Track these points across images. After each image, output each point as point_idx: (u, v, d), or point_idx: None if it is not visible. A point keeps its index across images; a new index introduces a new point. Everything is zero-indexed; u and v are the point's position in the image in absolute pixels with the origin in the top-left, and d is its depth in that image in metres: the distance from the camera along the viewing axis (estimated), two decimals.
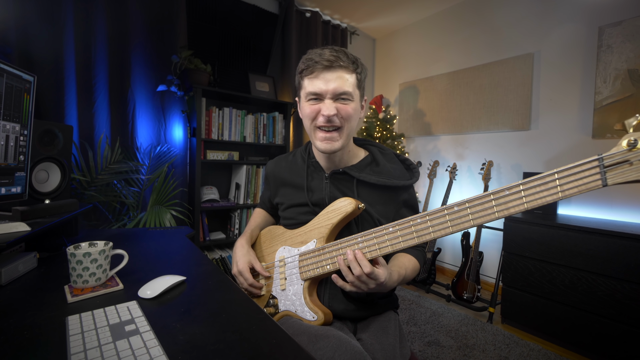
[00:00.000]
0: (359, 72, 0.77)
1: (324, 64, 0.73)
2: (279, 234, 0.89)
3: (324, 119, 0.75)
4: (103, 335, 0.48)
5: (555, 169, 0.51)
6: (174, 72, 2.07)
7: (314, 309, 0.74)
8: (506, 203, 0.54)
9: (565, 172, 0.50)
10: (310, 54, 0.76)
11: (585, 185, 0.48)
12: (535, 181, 0.52)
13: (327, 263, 0.74)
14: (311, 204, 0.83)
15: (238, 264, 0.85)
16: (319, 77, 0.75)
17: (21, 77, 0.81)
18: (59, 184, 1.01)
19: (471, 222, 0.58)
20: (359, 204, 0.74)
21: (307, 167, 0.88)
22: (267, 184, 1.00)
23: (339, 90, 0.74)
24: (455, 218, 0.59)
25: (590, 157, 0.48)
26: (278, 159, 0.98)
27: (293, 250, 0.82)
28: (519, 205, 0.53)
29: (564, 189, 0.50)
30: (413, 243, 0.65)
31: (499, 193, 0.55)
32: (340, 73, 0.74)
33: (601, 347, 1.56)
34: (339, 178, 0.84)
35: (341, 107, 0.75)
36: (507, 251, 1.94)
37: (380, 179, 0.81)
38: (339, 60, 0.74)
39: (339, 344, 0.62)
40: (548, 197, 0.51)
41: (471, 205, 0.57)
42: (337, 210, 0.75)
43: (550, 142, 2.21)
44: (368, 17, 3.10)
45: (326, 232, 0.76)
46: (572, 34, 2.10)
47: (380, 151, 0.88)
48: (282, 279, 0.82)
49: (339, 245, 0.73)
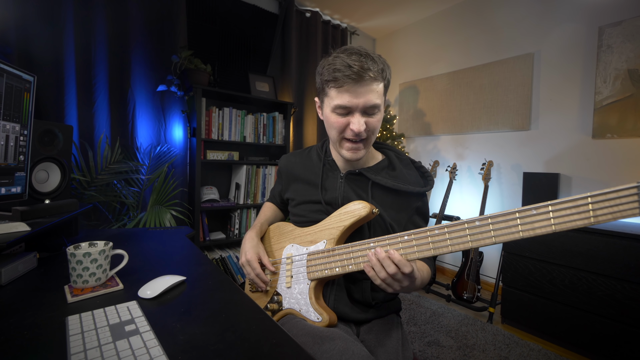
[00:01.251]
0: (388, 79, 0.74)
1: (353, 78, 0.69)
2: (287, 230, 0.88)
3: (352, 133, 0.74)
4: (103, 335, 0.48)
5: (589, 193, 0.48)
6: (174, 72, 2.07)
7: (319, 310, 0.73)
8: (532, 223, 0.51)
9: (600, 197, 0.47)
10: (336, 63, 0.71)
11: (621, 212, 0.45)
12: (565, 203, 0.49)
13: (337, 266, 0.72)
14: (324, 202, 0.83)
15: (247, 254, 0.84)
16: (349, 91, 0.71)
17: (21, 77, 0.81)
18: (59, 184, 1.01)
19: (493, 240, 0.54)
20: (374, 209, 0.72)
21: (323, 165, 0.87)
22: (279, 178, 0.99)
23: (369, 104, 0.71)
24: (476, 233, 0.56)
25: (629, 184, 0.46)
26: (292, 154, 0.97)
27: (301, 249, 0.81)
28: (547, 226, 0.50)
29: (597, 214, 0.47)
30: (429, 254, 0.61)
31: (525, 212, 0.52)
32: (370, 86, 0.71)
33: (601, 347, 1.56)
34: (354, 179, 0.83)
35: (370, 120, 0.74)
36: (507, 251, 1.94)
37: (396, 183, 0.80)
38: (368, 71, 0.69)
39: (345, 348, 0.61)
40: (579, 221, 0.48)
41: (494, 221, 0.54)
42: (350, 212, 0.74)
43: (550, 142, 2.21)
44: (368, 17, 3.10)
45: (337, 233, 0.75)
46: (572, 34, 2.10)
47: (397, 156, 0.88)
48: (288, 277, 0.81)
49: (351, 249, 0.70)
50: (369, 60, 0.70)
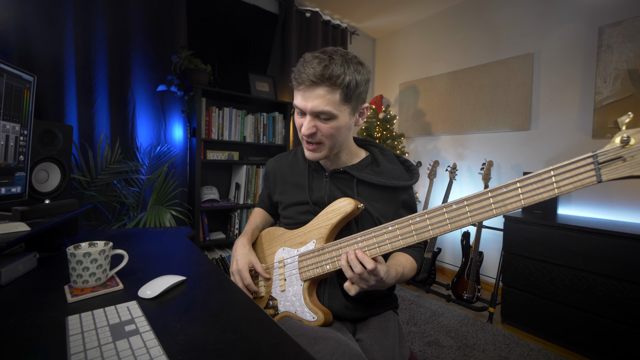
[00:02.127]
0: (347, 85, 0.71)
1: (305, 82, 0.71)
2: (278, 235, 0.89)
3: (303, 135, 0.76)
4: (103, 335, 0.48)
5: (551, 166, 0.52)
6: (174, 72, 2.07)
7: (313, 309, 0.74)
8: (504, 200, 0.55)
9: (561, 169, 0.51)
10: (300, 65, 0.73)
11: (580, 181, 0.49)
12: (531, 178, 0.53)
13: (327, 263, 0.74)
14: (312, 202, 0.84)
15: (238, 262, 0.85)
16: (301, 94, 0.73)
17: (21, 77, 0.81)
18: (59, 184, 1.01)
19: (469, 220, 0.58)
20: (358, 204, 0.74)
21: (308, 166, 0.88)
22: (266, 182, 1.00)
23: (316, 109, 0.72)
24: (454, 216, 0.60)
25: (585, 155, 0.49)
26: (279, 157, 0.98)
27: (292, 251, 0.82)
28: (516, 202, 0.54)
29: (560, 185, 0.51)
30: (412, 241, 0.65)
31: (497, 190, 0.56)
32: (321, 92, 0.70)
33: (601, 347, 1.56)
34: (339, 177, 0.84)
35: (322, 125, 0.74)
36: (507, 251, 1.94)
37: (380, 179, 0.81)
38: (322, 79, 0.69)
39: (337, 347, 0.62)
40: (544, 193, 0.52)
41: (469, 202, 0.58)
42: (336, 210, 0.76)
43: (550, 142, 2.21)
44: (368, 17, 3.10)
45: (326, 232, 0.76)
46: (572, 34, 2.10)
47: (380, 152, 0.89)
48: (281, 280, 0.82)
49: (339, 245, 0.72)
50: (331, 65, 0.69)
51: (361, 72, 0.74)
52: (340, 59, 0.71)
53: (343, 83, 0.70)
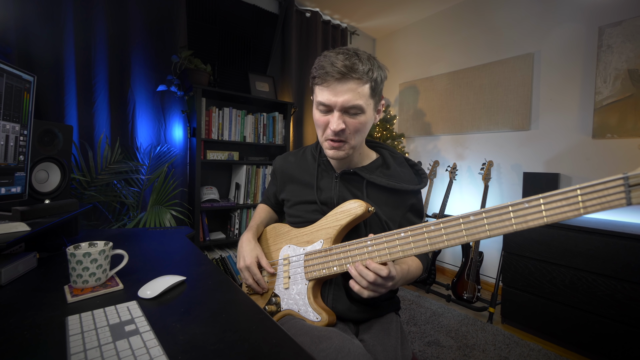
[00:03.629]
0: (375, 79, 0.72)
1: (335, 76, 0.69)
2: (284, 232, 0.88)
3: (331, 132, 0.74)
4: (103, 335, 0.48)
5: (578, 185, 0.49)
6: (174, 72, 2.07)
7: (318, 309, 0.73)
8: (525, 216, 0.52)
9: (589, 189, 0.48)
10: (323, 61, 0.72)
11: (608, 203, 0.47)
12: (556, 195, 0.50)
13: (335, 265, 0.72)
14: (319, 202, 0.83)
15: (246, 258, 0.84)
16: (329, 88, 0.71)
17: (21, 77, 0.81)
18: (59, 184, 1.01)
19: (487, 233, 0.56)
20: (369, 207, 0.73)
21: (318, 166, 0.87)
22: (273, 179, 1.00)
23: (348, 103, 0.70)
24: (470, 227, 0.57)
25: (615, 176, 0.47)
26: (287, 155, 0.97)
27: (298, 250, 0.81)
28: (539, 219, 0.51)
29: (587, 205, 0.48)
30: (425, 250, 0.62)
31: (518, 205, 0.53)
32: (352, 85, 0.70)
33: (601, 347, 1.56)
34: (349, 178, 0.84)
35: (350, 121, 0.73)
36: (507, 251, 1.94)
37: (390, 182, 0.80)
38: (352, 71, 0.69)
39: (342, 346, 0.61)
40: (569, 212, 0.49)
41: (488, 215, 0.55)
42: (346, 211, 0.74)
43: (550, 142, 2.21)
44: (368, 17, 3.10)
45: (334, 233, 0.75)
46: (572, 34, 2.10)
47: (391, 154, 0.88)
48: (285, 278, 0.81)
49: (348, 247, 0.71)
50: (355, 59, 0.70)
51: (382, 68, 0.75)
52: (365, 55, 0.72)
53: (372, 76, 0.71)
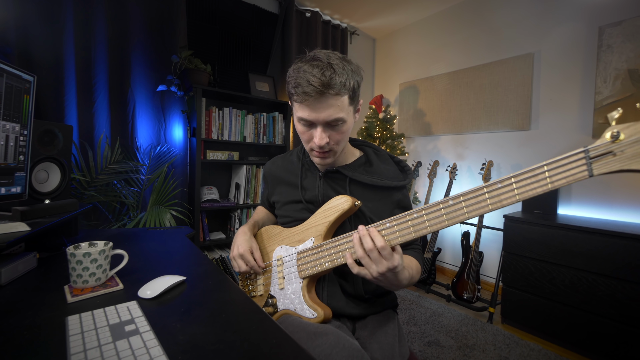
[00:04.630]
0: (352, 89, 0.72)
1: (312, 95, 0.68)
2: (275, 233, 0.89)
3: (316, 146, 0.75)
4: (103, 335, 0.48)
5: (544, 162, 0.53)
6: (174, 72, 2.07)
7: (313, 306, 0.74)
8: (499, 195, 0.56)
9: (554, 164, 0.52)
10: (298, 77, 0.70)
11: (573, 175, 0.51)
12: (526, 173, 0.54)
13: (326, 260, 0.74)
14: (305, 201, 0.85)
15: (239, 247, 0.85)
16: (309, 106, 0.70)
17: (21, 77, 0.81)
18: (59, 184, 1.01)
19: (466, 215, 0.59)
20: (356, 201, 0.74)
21: (302, 166, 0.89)
22: (265, 183, 1.02)
23: (329, 118, 0.71)
24: (450, 211, 0.60)
25: (577, 150, 0.51)
26: (275, 159, 1.00)
27: (290, 249, 0.82)
28: (511, 197, 0.55)
29: (553, 180, 0.52)
30: (410, 237, 0.64)
31: (492, 186, 0.56)
32: (331, 100, 0.69)
33: (601, 347, 1.56)
34: (332, 177, 0.85)
35: (333, 133, 0.74)
36: (507, 251, 1.94)
37: (373, 179, 0.81)
38: (330, 87, 0.67)
39: (336, 341, 0.62)
40: (538, 188, 0.53)
41: (466, 198, 0.59)
42: (334, 208, 0.76)
43: (550, 142, 2.21)
44: (368, 17, 3.10)
45: (323, 230, 0.76)
46: (572, 34, 2.10)
47: (374, 152, 0.89)
48: (280, 278, 0.82)
49: (337, 242, 0.72)
50: (330, 73, 0.67)
51: (357, 71, 0.74)
52: (340, 63, 0.70)
53: (349, 87, 0.70)
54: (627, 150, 0.47)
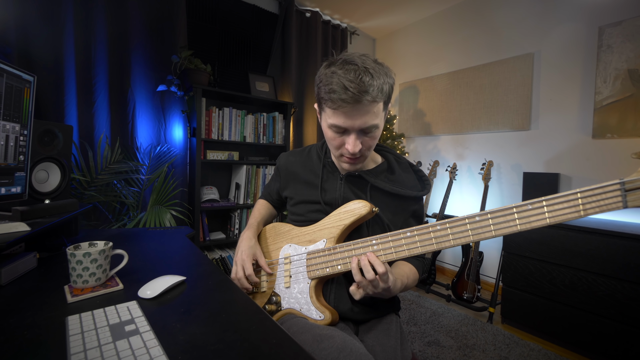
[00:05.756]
0: (387, 94, 0.70)
1: (348, 102, 0.65)
2: (284, 231, 0.88)
3: (348, 152, 0.73)
4: (103, 335, 0.48)
5: (578, 189, 0.53)
6: (174, 72, 2.07)
7: (321, 308, 0.74)
8: (529, 217, 0.56)
9: (588, 192, 0.52)
10: (332, 82, 0.66)
11: (606, 205, 0.51)
12: (558, 198, 0.54)
13: (339, 263, 0.73)
14: (324, 202, 0.83)
15: (243, 253, 0.84)
16: (345, 114, 0.68)
17: (21, 77, 0.81)
18: (59, 184, 1.01)
19: (492, 233, 0.59)
20: (373, 208, 0.73)
21: (323, 167, 0.87)
22: (277, 176, 0.99)
23: (365, 125, 0.69)
24: (476, 227, 0.60)
25: (613, 181, 0.51)
26: (292, 153, 0.97)
27: (300, 249, 0.81)
28: (541, 220, 0.55)
29: (586, 207, 0.52)
30: (432, 249, 0.64)
31: (522, 207, 0.56)
32: (368, 107, 0.67)
33: (601, 347, 1.56)
34: (354, 181, 0.84)
35: (366, 139, 0.72)
36: (507, 251, 1.94)
37: (395, 187, 0.81)
38: (366, 94, 0.65)
39: (343, 345, 0.61)
40: (570, 214, 0.53)
41: (494, 216, 0.58)
42: (350, 211, 0.75)
43: (550, 142, 2.21)
44: (368, 17, 3.10)
45: (337, 232, 0.75)
46: (572, 34, 2.10)
47: (396, 159, 0.88)
48: (286, 277, 0.81)
49: (352, 246, 0.71)
50: (367, 77, 0.65)
51: (389, 73, 0.71)
52: (375, 66, 0.68)
53: (385, 92, 0.69)
54: None
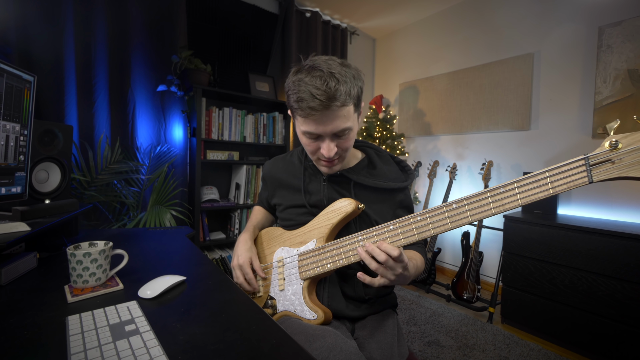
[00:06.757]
0: (356, 96, 0.70)
1: (318, 109, 0.66)
2: (277, 235, 0.89)
3: (324, 156, 0.74)
4: (103, 335, 0.48)
5: (546, 168, 0.55)
6: (174, 72, 2.07)
7: (313, 307, 0.74)
8: (502, 200, 0.58)
9: (555, 171, 0.54)
10: (300, 90, 0.67)
11: (573, 181, 0.53)
12: (528, 179, 0.56)
13: (328, 262, 0.74)
14: (309, 205, 0.84)
15: (240, 257, 0.85)
16: (315, 121, 0.69)
17: (21, 77, 0.81)
18: (59, 184, 1.01)
19: (469, 219, 0.61)
20: (359, 204, 0.75)
21: (304, 170, 0.88)
22: (264, 185, 1.00)
23: (337, 129, 0.70)
24: (453, 215, 0.62)
25: (577, 157, 0.53)
26: (275, 160, 0.98)
27: (292, 251, 0.82)
28: (514, 201, 0.57)
29: (554, 185, 0.54)
30: (414, 240, 0.65)
31: (495, 190, 0.58)
32: (337, 112, 0.67)
33: (601, 347, 1.56)
34: (337, 180, 0.84)
35: (341, 142, 0.73)
36: (507, 251, 1.94)
37: (377, 181, 0.81)
38: (335, 99, 0.65)
39: (334, 345, 0.62)
40: (540, 193, 0.55)
41: (469, 202, 0.60)
42: (337, 210, 0.76)
43: (550, 142, 2.21)
44: (368, 17, 3.10)
45: (326, 232, 0.76)
46: (572, 34, 2.10)
47: (376, 153, 0.89)
48: (280, 280, 0.82)
49: (340, 244, 0.73)
50: (333, 82, 0.65)
51: (358, 76, 0.72)
52: (341, 70, 0.68)
53: (353, 95, 0.69)
54: (625, 158, 0.49)
